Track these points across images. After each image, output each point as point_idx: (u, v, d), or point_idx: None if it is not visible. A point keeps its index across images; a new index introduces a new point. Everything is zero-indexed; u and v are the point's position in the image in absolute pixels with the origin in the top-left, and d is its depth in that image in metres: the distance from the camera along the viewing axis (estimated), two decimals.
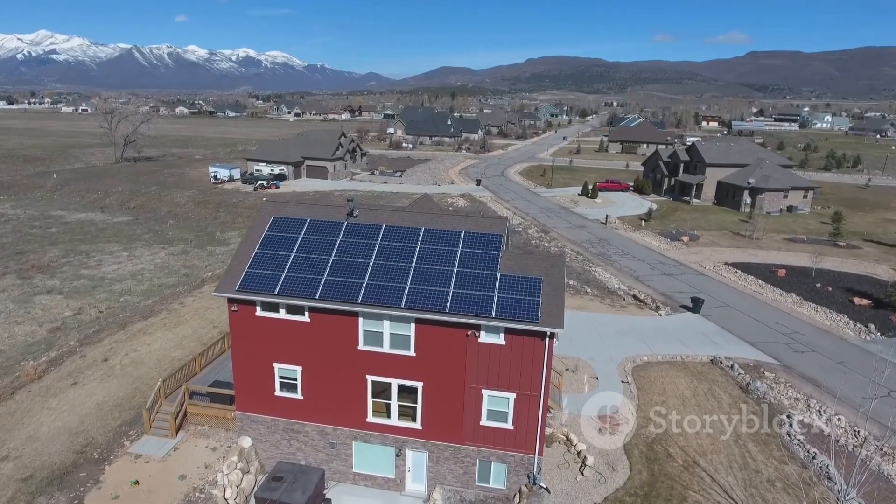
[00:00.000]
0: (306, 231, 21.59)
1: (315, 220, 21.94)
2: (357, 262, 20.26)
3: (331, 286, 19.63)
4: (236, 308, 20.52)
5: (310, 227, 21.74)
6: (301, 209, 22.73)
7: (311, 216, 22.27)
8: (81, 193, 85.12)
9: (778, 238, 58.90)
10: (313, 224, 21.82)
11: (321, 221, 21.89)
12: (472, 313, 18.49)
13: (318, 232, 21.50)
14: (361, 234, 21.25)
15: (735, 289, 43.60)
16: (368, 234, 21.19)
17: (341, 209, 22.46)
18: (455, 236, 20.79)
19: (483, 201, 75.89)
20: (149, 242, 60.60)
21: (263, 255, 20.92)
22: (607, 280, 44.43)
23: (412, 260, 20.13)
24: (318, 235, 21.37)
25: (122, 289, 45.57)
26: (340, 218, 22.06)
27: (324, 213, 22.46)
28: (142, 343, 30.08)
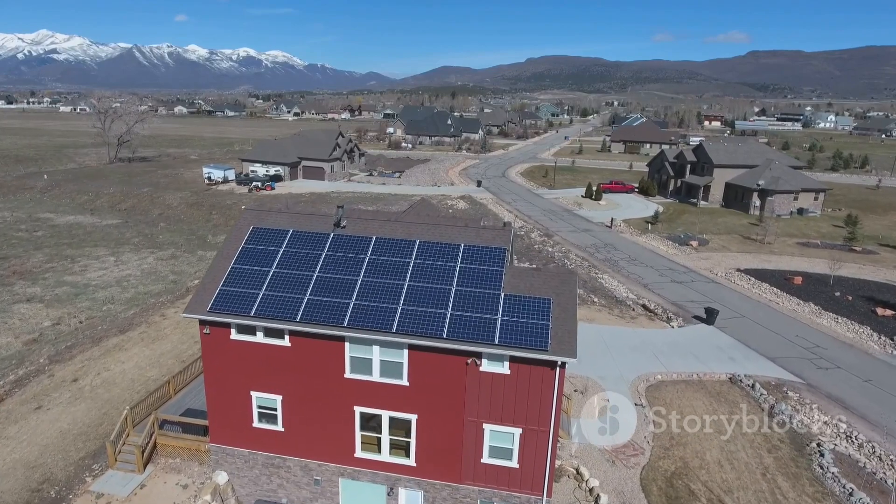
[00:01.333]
0: (288, 244, 19.39)
1: (298, 232, 19.75)
2: (344, 280, 18.06)
3: (314, 307, 17.44)
4: (208, 330, 18.33)
5: (292, 239, 19.54)
6: (284, 219, 20.54)
7: (295, 227, 20.07)
8: (72, 195, 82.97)
9: (790, 242, 56.68)
10: (296, 236, 19.62)
11: (305, 233, 19.69)
12: (472, 339, 16.30)
13: (301, 245, 19.31)
14: (349, 247, 19.06)
15: (749, 298, 41.38)
16: (357, 248, 19.00)
17: (328, 219, 20.27)
18: (453, 250, 18.59)
19: (484, 203, 73.69)
20: (137, 246, 58.42)
21: (240, 270, 18.72)
22: (615, 288, 42.23)
23: (405, 277, 17.94)
24: (302, 249, 19.17)
25: (106, 297, 43.42)
26: (326, 229, 19.86)
27: (308, 223, 20.26)
28: (115, 361, 27.89)
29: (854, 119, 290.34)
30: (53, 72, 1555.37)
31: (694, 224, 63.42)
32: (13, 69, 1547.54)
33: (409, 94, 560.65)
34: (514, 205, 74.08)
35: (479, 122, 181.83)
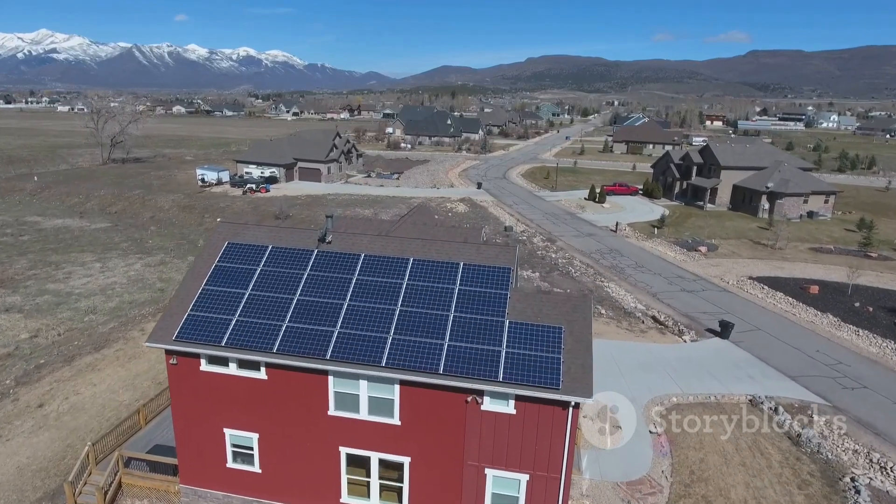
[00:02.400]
0: (266, 262, 17.33)
1: (278, 249, 17.68)
2: (327, 304, 16.00)
3: (293, 336, 15.38)
4: (175, 361, 16.28)
5: (271, 256, 17.48)
6: (262, 233, 18.48)
7: (274, 242, 18.01)
8: (62, 197, 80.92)
9: (802, 248, 54.60)
10: (276, 253, 17.56)
11: (285, 250, 17.63)
12: (472, 375, 14.25)
13: (281, 263, 17.25)
14: (334, 266, 17.00)
15: (764, 308, 39.29)
16: (343, 267, 16.94)
17: (311, 233, 18.21)
18: (451, 270, 16.53)
19: (484, 206, 71.61)
20: (125, 252, 56.35)
21: (211, 293, 16.66)
22: (622, 298, 40.17)
23: (397, 301, 15.88)
24: (281, 268, 17.11)
25: (88, 306, 41.41)
26: (309, 245, 17.80)
27: (290, 238, 18.20)
28: (87, 383, 25.83)
29: (857, 119, 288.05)
30: (53, 71, 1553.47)
31: (701, 228, 61.34)
32: (13, 69, 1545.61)
33: (408, 94, 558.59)
34: (516, 208, 72.00)
35: (479, 122, 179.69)
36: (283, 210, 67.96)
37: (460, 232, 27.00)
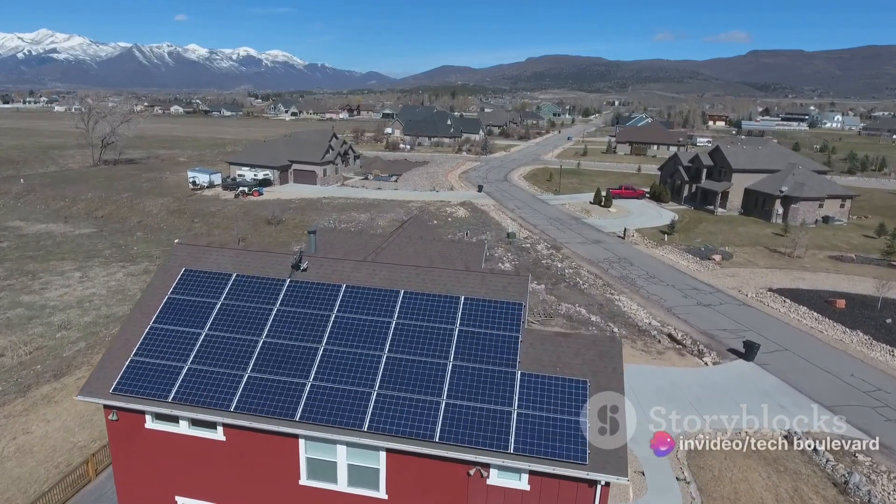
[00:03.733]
0: (229, 294, 14.48)
1: (243, 278, 14.83)
2: (299, 349, 13.16)
3: (256, 390, 12.54)
4: (115, 416, 13.43)
5: (235, 287, 14.63)
6: (226, 257, 15.61)
7: (240, 269, 15.15)
8: (47, 201, 78.05)
9: (821, 256, 51.76)
10: (240, 283, 14.71)
11: (252, 279, 14.78)
12: (475, 445, 11.40)
13: (246, 296, 14.39)
14: (310, 300, 14.15)
15: (788, 324, 36.45)
16: (320, 301, 14.09)
17: (284, 259, 15.34)
18: (450, 305, 13.68)
19: (485, 210, 68.75)
20: (108, 260, 53.51)
21: (160, 333, 13.81)
22: (635, 313, 37.32)
23: (384, 345, 13.03)
24: (246, 301, 14.26)
25: (63, 321, 38.57)
26: (281, 272, 14.96)
27: (259, 264, 15.34)
28: (40, 419, 22.96)
29: (861, 119, 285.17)
30: (53, 71, 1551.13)
31: (713, 234, 58.46)
32: (13, 69, 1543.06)
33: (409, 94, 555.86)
34: (518, 212, 69.15)
35: (479, 122, 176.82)
36: (275, 215, 65.11)
37: (460, 248, 24.16)
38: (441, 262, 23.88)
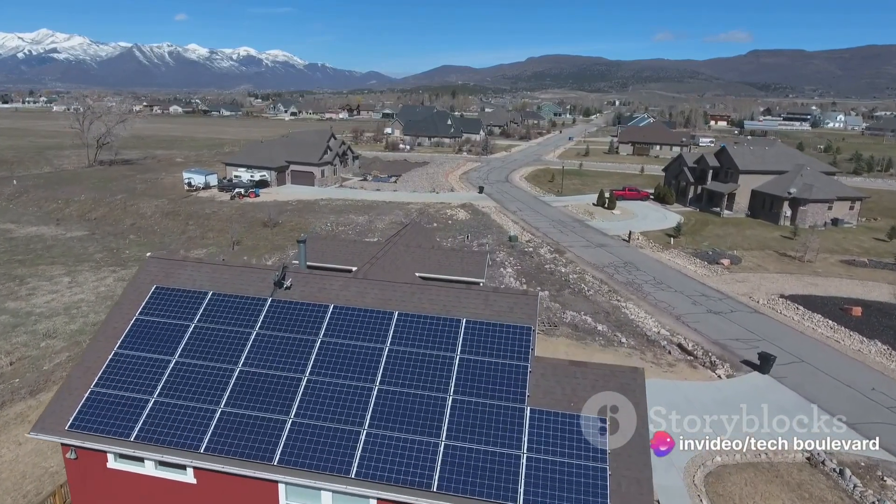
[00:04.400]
0: (204, 315, 13.00)
1: (220, 297, 13.35)
2: (279, 379, 11.68)
3: (229, 428, 11.06)
4: (74, 454, 11.95)
5: (211, 307, 13.15)
6: (203, 273, 14.13)
7: (216, 287, 13.68)
8: (40, 202, 76.61)
9: (833, 260, 50.24)
10: (217, 303, 13.22)
11: (230, 298, 13.30)
12: (479, 496, 9.90)
13: (222, 317, 12.91)
14: (293, 322, 12.67)
15: (802, 333, 34.95)
16: (304, 324, 12.60)
17: (265, 274, 13.86)
18: (450, 329, 12.19)
19: (486, 213, 67.24)
20: (99, 264, 52.04)
21: (125, 360, 12.33)
22: (643, 321, 35.82)
23: (375, 375, 11.55)
24: (222, 324, 12.78)
25: (48, 329, 37.12)
26: (262, 290, 13.48)
27: (238, 280, 13.86)
28: (11, 441, 21.49)
29: (864, 119, 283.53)
30: (54, 71, 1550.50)
31: (720, 237, 56.98)
32: (13, 68, 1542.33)
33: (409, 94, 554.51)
34: (520, 214, 67.64)
35: (480, 122, 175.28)
36: (272, 217, 63.66)
37: (461, 257, 22.68)
38: (441, 270, 22.43)
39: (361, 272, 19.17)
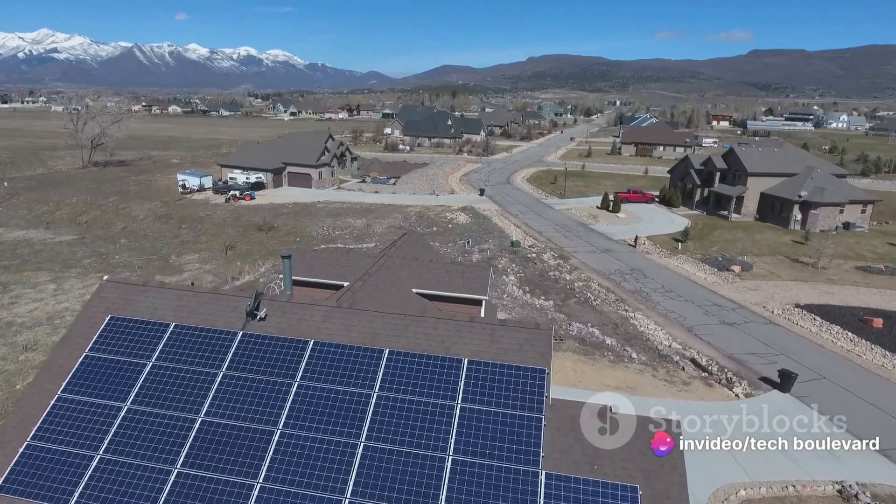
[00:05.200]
0: (164, 352, 11.19)
1: (184, 329, 11.53)
2: (247, 434, 9.87)
3: (185, 495, 9.24)
4: None
5: (172, 342, 11.33)
6: (165, 299, 12.31)
7: (180, 317, 11.87)
8: (31, 205, 74.89)
9: (847, 267, 48.45)
10: (179, 336, 11.41)
11: (195, 331, 11.48)
12: None
13: (184, 354, 11.10)
14: (266, 361, 10.86)
15: (822, 347, 33.14)
16: (279, 363, 10.79)
17: (236, 302, 12.04)
18: (449, 371, 10.39)
19: (487, 216, 65.46)
20: (87, 270, 50.30)
21: (69, 406, 10.53)
22: (653, 334, 34.01)
23: (360, 429, 9.75)
24: (184, 363, 10.97)
25: (29, 341, 35.42)
26: (232, 322, 11.66)
27: (206, 309, 12.05)
28: None
29: (867, 119, 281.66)
30: (54, 71, 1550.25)
31: (730, 242, 55.18)
32: (14, 68, 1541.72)
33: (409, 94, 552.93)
34: (522, 217, 65.84)
35: (480, 122, 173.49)
36: (266, 221, 61.92)
37: (462, 271, 20.89)
38: (440, 286, 20.64)
39: (350, 293, 17.39)
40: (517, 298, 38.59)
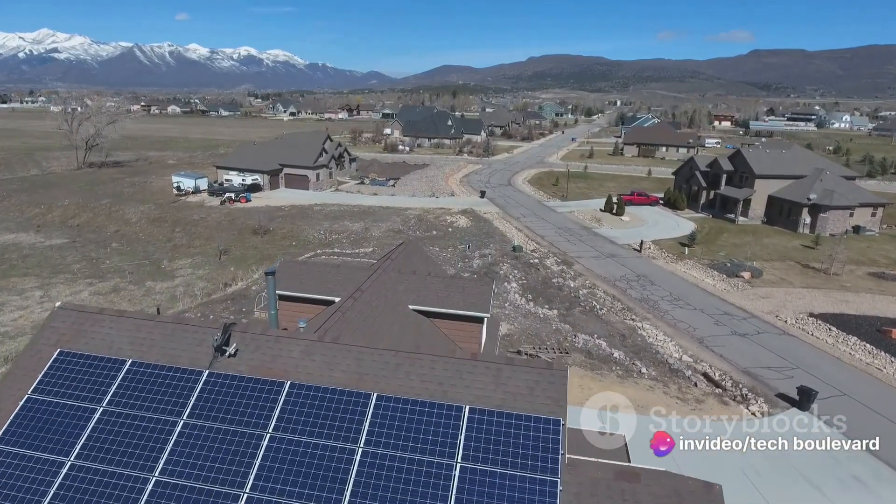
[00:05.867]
0: (116, 393, 9.66)
1: (142, 366, 10.00)
2: (208, 496, 8.33)
3: None
4: None
5: (128, 381, 9.80)
6: (124, 331, 10.78)
7: (140, 350, 10.34)
8: (22, 207, 73.38)
9: (860, 273, 46.92)
10: (137, 375, 9.88)
11: (154, 369, 9.95)
12: None
13: (140, 397, 9.57)
14: (234, 407, 9.33)
15: (839, 360, 31.60)
16: (249, 410, 9.26)
17: (207, 334, 10.50)
18: (446, 421, 8.86)
19: (488, 219, 63.95)
20: (76, 276, 48.80)
21: (1, 461, 8.99)
22: (662, 346, 32.48)
23: (342, 495, 8.23)
24: (140, 408, 9.44)
25: (10, 352, 33.78)
26: (199, 357, 10.12)
27: (169, 342, 10.51)
28: None
29: (870, 119, 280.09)
30: (54, 71, 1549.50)
31: (737, 247, 53.63)
32: (14, 68, 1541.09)
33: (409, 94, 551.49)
34: (524, 221, 64.30)
35: (481, 122, 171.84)
36: (262, 224, 60.44)
37: (462, 287, 19.37)
38: (439, 302, 19.12)
39: (340, 312, 15.86)
40: (520, 307, 37.06)
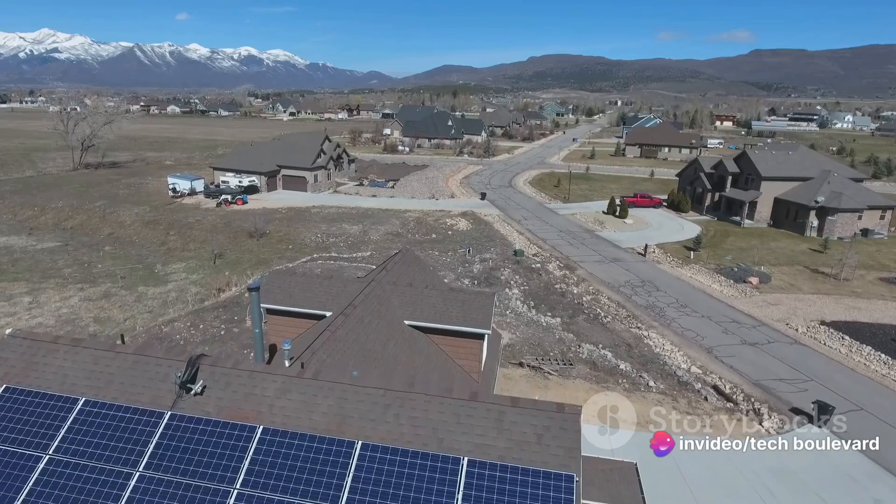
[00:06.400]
0: (65, 438, 8.45)
1: (96, 406, 8.79)
2: None
3: None
4: None
5: (79, 423, 8.59)
6: (80, 363, 9.55)
7: (95, 386, 9.13)
8: (15, 209, 72.12)
9: (871, 278, 45.70)
10: (89, 416, 8.67)
11: (110, 409, 8.74)
12: None
13: (91, 443, 8.36)
14: (198, 456, 8.10)
15: (854, 371, 30.36)
16: (214, 462, 8.04)
17: (171, 366, 9.27)
18: (442, 476, 7.63)
19: (489, 222, 62.74)
20: (66, 280, 47.55)
21: None
22: (670, 356, 31.24)
23: None
24: (90, 457, 8.22)
25: None
26: (161, 395, 8.91)
27: (128, 376, 9.30)
28: None
29: (873, 119, 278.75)
30: (55, 71, 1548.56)
31: (744, 251, 52.39)
32: (14, 68, 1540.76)
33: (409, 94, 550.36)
34: (525, 223, 63.07)
35: (481, 122, 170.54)
36: (258, 227, 59.19)
37: (462, 301, 18.16)
38: (436, 317, 17.92)
39: (330, 330, 14.65)
40: (521, 315, 35.86)
